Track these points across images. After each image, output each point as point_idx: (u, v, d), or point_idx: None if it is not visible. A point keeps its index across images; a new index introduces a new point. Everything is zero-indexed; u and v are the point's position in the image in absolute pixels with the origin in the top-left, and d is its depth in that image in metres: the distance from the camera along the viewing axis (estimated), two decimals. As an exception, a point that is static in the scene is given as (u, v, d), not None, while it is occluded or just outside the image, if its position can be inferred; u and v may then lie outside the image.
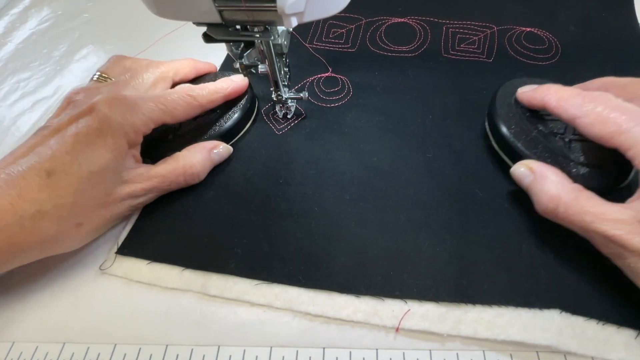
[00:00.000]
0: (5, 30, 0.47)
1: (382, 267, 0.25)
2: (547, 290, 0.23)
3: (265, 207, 0.28)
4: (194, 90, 0.30)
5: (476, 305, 0.23)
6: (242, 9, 0.23)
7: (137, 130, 0.26)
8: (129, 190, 0.26)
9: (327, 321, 0.24)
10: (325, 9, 0.24)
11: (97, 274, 0.26)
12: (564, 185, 0.23)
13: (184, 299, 0.25)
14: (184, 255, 0.26)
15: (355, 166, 0.30)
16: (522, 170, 0.25)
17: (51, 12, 0.49)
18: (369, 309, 0.24)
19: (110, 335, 0.24)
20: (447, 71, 0.37)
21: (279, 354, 0.23)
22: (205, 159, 0.29)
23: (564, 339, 0.22)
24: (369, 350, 0.23)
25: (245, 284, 0.25)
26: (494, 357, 0.22)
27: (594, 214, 0.21)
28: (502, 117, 0.28)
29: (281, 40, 0.28)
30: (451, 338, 0.23)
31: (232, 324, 0.24)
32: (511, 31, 0.40)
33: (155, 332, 0.24)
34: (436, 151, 0.31)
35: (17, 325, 0.25)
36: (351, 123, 0.33)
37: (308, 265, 0.25)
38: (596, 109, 0.22)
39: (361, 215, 0.27)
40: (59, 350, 0.24)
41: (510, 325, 0.22)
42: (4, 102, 0.40)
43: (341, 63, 0.38)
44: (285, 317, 0.24)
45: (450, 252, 0.25)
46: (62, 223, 0.23)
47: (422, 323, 0.23)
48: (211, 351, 0.23)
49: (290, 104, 0.33)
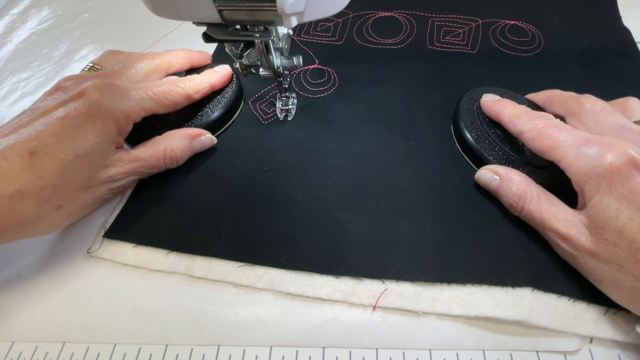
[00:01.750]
0: (5, 30, 0.48)
1: (361, 250, 0.26)
2: (520, 270, 0.24)
3: (249, 193, 0.29)
4: (182, 82, 0.30)
5: (451, 285, 0.24)
6: (242, 8, 0.23)
7: (128, 117, 0.27)
8: (110, 173, 0.26)
9: (327, 321, 0.24)
10: (325, 8, 0.24)
11: (85, 257, 0.27)
12: (528, 185, 0.25)
13: (184, 299, 0.25)
14: (170, 238, 0.27)
15: (339, 154, 0.31)
16: (488, 174, 0.27)
17: (51, 12, 0.50)
18: (347, 289, 0.24)
19: (110, 335, 0.24)
20: (431, 62, 0.38)
21: (279, 354, 0.23)
22: (185, 145, 0.29)
23: (535, 314, 0.23)
24: (369, 350, 0.23)
25: (228, 266, 0.26)
26: (494, 357, 0.22)
27: (551, 213, 0.23)
28: (465, 123, 0.30)
29: (282, 44, 0.28)
30: (426, 315, 0.23)
31: (232, 324, 0.24)
32: (495, 24, 0.41)
33: (155, 332, 0.24)
34: (418, 139, 0.32)
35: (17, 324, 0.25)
36: (336, 113, 0.34)
37: (290, 248, 0.26)
38: (537, 126, 0.25)
39: (343, 200, 0.28)
40: (59, 350, 0.24)
41: (483, 302, 0.23)
42: (4, 102, 0.40)
43: (328, 55, 0.39)
44: (285, 317, 0.24)
45: (428, 236, 0.26)
46: (42, 205, 0.23)
47: (399, 301, 0.24)
48: (211, 351, 0.23)
49: (291, 105, 0.34)
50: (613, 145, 0.21)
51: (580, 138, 0.22)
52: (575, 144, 0.22)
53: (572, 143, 0.23)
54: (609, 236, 0.20)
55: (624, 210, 0.20)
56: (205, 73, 0.32)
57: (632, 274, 0.20)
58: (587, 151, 0.22)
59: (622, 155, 0.20)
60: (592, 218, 0.21)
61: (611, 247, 0.20)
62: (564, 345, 0.22)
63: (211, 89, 0.32)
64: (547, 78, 0.36)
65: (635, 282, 0.20)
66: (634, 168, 0.20)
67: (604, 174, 0.21)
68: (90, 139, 0.24)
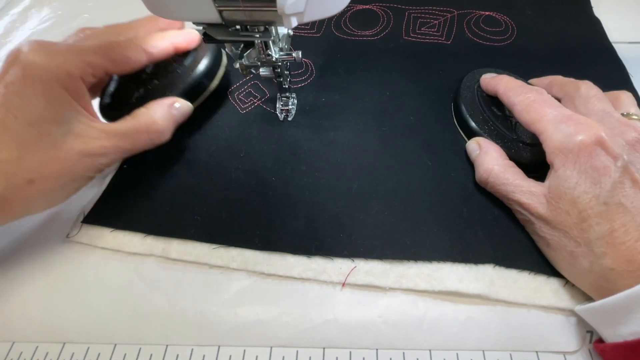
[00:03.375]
0: (5, 30, 0.47)
1: (332, 231, 0.26)
2: (482, 248, 0.25)
3: (225, 178, 0.29)
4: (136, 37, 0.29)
5: (417, 262, 0.25)
6: (241, 9, 0.23)
7: (71, 74, 0.25)
8: (87, 146, 0.25)
9: (327, 321, 0.24)
10: (326, 8, 0.24)
11: (64, 241, 0.27)
12: (498, 160, 0.27)
13: (184, 299, 0.25)
14: (147, 223, 0.27)
15: (314, 140, 0.32)
16: (473, 145, 0.29)
17: (51, 12, 0.49)
18: (318, 268, 0.25)
19: (110, 335, 0.24)
20: (407, 52, 0.38)
21: (279, 354, 0.23)
22: (166, 114, 0.28)
23: (495, 288, 0.24)
24: (369, 350, 0.23)
25: (203, 248, 0.26)
26: (494, 357, 0.23)
27: (514, 186, 0.25)
28: (464, 100, 0.31)
29: (282, 44, 0.28)
30: (392, 290, 0.24)
31: (232, 324, 0.24)
32: (470, 15, 0.42)
33: (155, 332, 0.24)
34: (391, 125, 0.32)
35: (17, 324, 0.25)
36: (312, 101, 0.35)
37: (263, 230, 0.27)
38: (528, 99, 0.26)
39: (316, 184, 0.29)
40: (59, 350, 0.24)
41: (447, 277, 0.24)
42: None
43: (306, 47, 0.40)
44: (285, 317, 0.24)
45: (397, 216, 0.27)
46: (10, 179, 0.22)
47: (367, 278, 0.25)
48: (211, 351, 0.23)
49: (291, 106, 0.34)
50: (587, 125, 0.23)
51: (562, 115, 0.24)
52: (556, 119, 0.24)
53: (554, 119, 0.24)
54: (563, 205, 0.22)
55: (582, 184, 0.22)
56: (168, 32, 0.30)
57: (575, 239, 0.22)
58: (565, 128, 0.23)
59: (593, 135, 0.22)
60: (553, 188, 0.23)
61: (563, 214, 0.22)
62: (564, 346, 0.23)
63: (173, 47, 0.30)
64: (520, 67, 0.36)
65: (575, 247, 0.22)
66: (600, 147, 0.22)
67: (573, 149, 0.22)
68: (35, 103, 0.23)
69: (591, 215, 0.21)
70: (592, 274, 0.21)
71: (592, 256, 0.21)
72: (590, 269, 0.21)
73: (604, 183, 0.21)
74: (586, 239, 0.21)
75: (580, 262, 0.22)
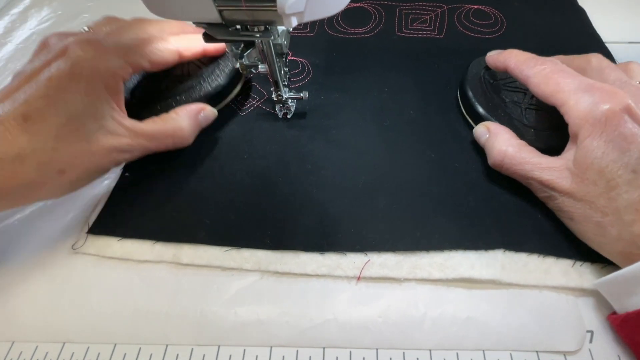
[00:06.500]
0: (5, 30, 0.46)
1: (342, 226, 0.27)
2: (492, 234, 0.26)
3: (230, 180, 0.29)
4: (172, 38, 0.29)
5: (429, 252, 0.25)
6: (242, 8, 0.23)
7: (114, 74, 0.26)
8: (116, 143, 0.26)
9: (327, 320, 0.24)
10: (326, 8, 0.24)
11: (70, 252, 0.27)
12: (510, 141, 0.26)
13: (184, 299, 0.25)
14: (155, 229, 0.27)
15: (316, 139, 0.32)
16: (481, 129, 0.29)
17: (51, 12, 0.49)
18: (332, 264, 0.25)
19: (110, 335, 0.24)
20: (401, 48, 0.39)
21: (279, 354, 0.23)
22: (193, 122, 0.29)
23: (507, 272, 0.24)
24: (369, 350, 0.23)
25: (215, 251, 0.26)
26: (494, 357, 0.22)
27: (533, 164, 0.25)
28: (471, 86, 0.32)
29: (281, 40, 0.28)
30: (407, 281, 0.25)
31: (232, 324, 0.24)
32: (460, 9, 0.43)
33: (155, 332, 0.24)
34: (391, 120, 0.33)
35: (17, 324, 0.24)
36: (311, 101, 0.35)
37: (273, 229, 0.27)
38: (544, 71, 0.25)
39: (322, 182, 0.29)
40: (59, 350, 0.23)
41: (459, 265, 0.24)
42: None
43: (301, 47, 0.40)
44: (285, 317, 0.24)
45: (405, 209, 0.27)
46: (42, 169, 0.23)
47: (381, 270, 0.25)
48: (211, 351, 0.23)
49: (291, 103, 0.34)
50: (614, 93, 0.22)
51: (584, 84, 0.23)
52: (579, 89, 0.23)
53: (575, 88, 0.23)
54: (590, 175, 0.22)
55: (610, 153, 0.22)
56: (197, 36, 0.30)
57: (602, 209, 0.22)
58: (588, 97, 0.23)
59: (620, 102, 0.22)
60: (578, 159, 0.23)
61: (590, 185, 0.22)
62: (564, 345, 0.22)
63: (203, 51, 0.31)
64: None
65: (602, 217, 0.22)
66: (628, 115, 0.22)
67: (600, 118, 0.22)
68: (78, 99, 0.24)
69: (620, 184, 0.21)
70: (622, 241, 0.21)
71: (621, 224, 0.21)
72: (619, 237, 0.21)
73: (633, 151, 0.21)
74: (614, 207, 0.21)
75: (609, 231, 0.22)
